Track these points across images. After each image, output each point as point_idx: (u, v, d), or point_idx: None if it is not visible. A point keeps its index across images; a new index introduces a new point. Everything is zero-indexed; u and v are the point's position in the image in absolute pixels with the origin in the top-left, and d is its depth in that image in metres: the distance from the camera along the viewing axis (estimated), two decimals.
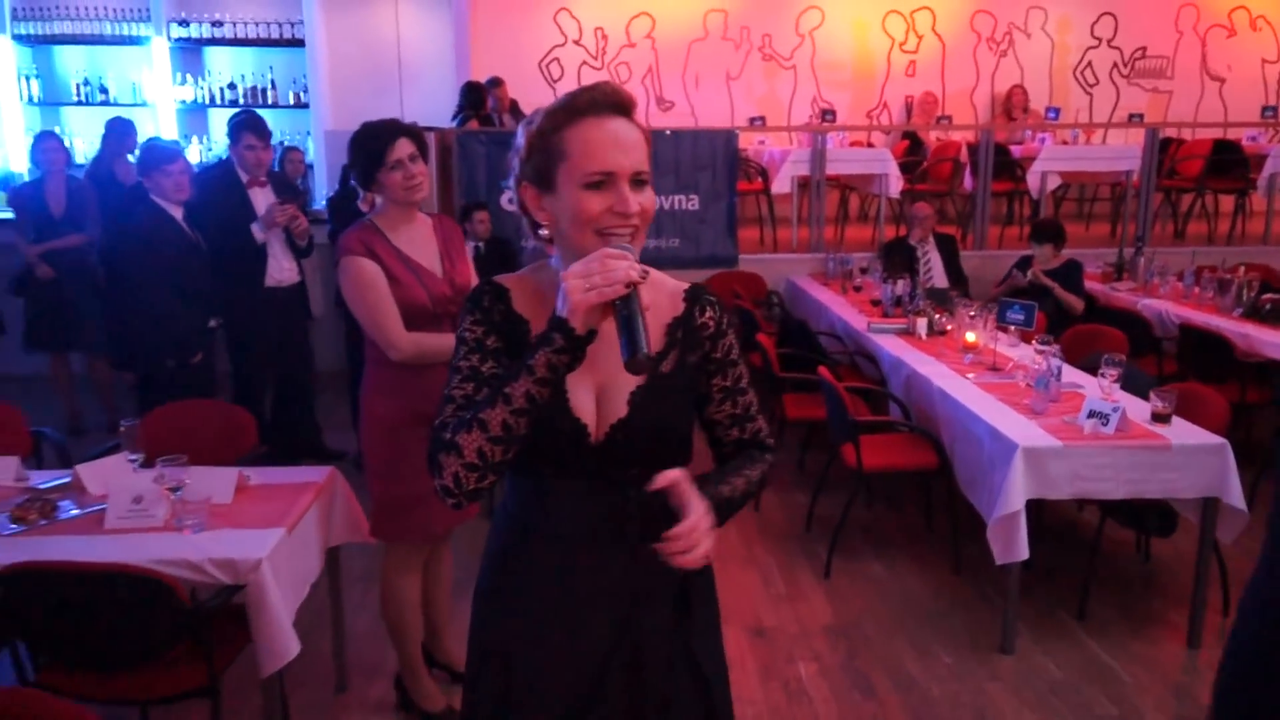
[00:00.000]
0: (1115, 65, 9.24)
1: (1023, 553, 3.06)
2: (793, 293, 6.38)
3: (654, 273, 1.42)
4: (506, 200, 6.39)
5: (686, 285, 1.48)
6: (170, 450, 2.59)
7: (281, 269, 4.41)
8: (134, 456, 2.72)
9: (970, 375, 3.88)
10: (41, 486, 2.73)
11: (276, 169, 4.97)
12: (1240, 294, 5.00)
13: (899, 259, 5.78)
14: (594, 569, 1.41)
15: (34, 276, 5.15)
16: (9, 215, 6.36)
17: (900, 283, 5.20)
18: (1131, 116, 8.34)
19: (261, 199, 4.36)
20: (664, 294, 1.44)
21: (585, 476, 1.39)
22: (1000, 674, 3.08)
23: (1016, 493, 3.03)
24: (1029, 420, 3.29)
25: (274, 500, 2.64)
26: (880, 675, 3.09)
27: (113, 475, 2.68)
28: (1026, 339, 4.11)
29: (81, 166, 6.61)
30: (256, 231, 4.31)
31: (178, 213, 4.21)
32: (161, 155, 4.24)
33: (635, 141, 1.34)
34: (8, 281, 5.20)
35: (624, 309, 1.22)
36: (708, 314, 1.45)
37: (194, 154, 7.81)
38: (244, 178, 4.34)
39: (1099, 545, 3.53)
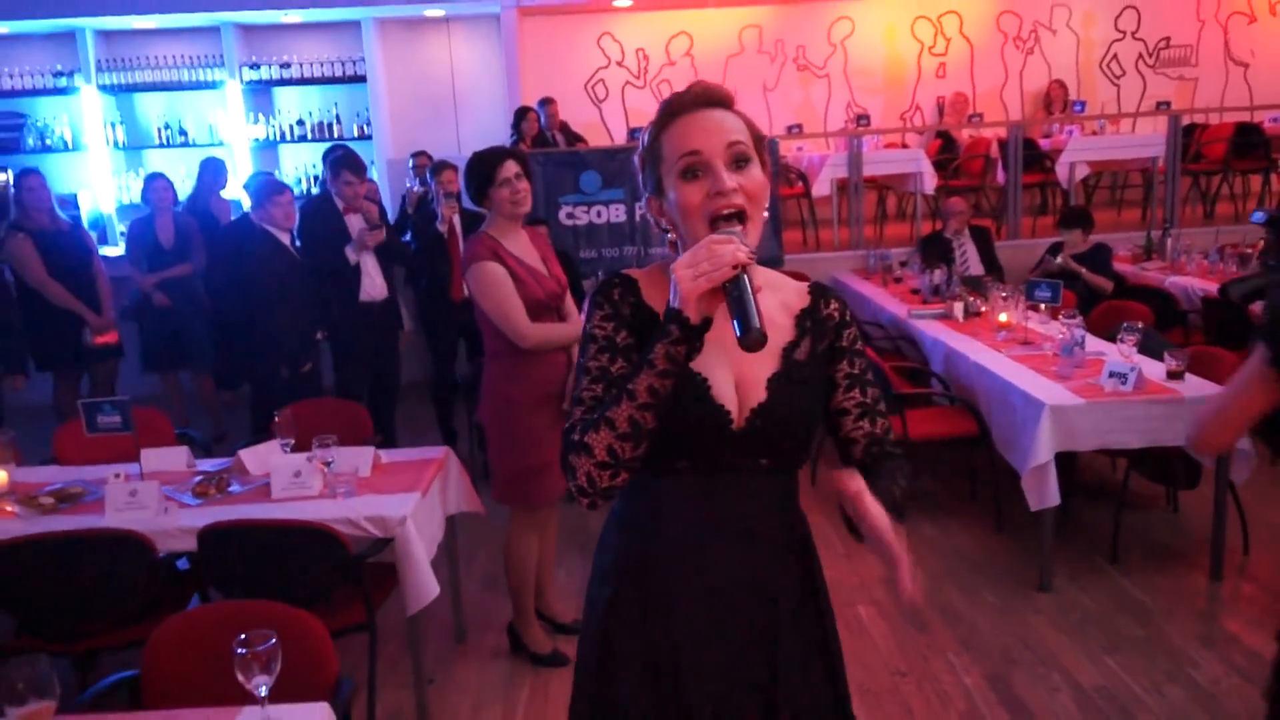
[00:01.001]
0: (1140, 56, 9.55)
1: (1054, 499, 3.46)
2: (837, 288, 6.79)
3: (776, 273, 1.49)
4: (565, 215, 6.91)
5: (810, 281, 1.51)
6: (306, 438, 3.11)
7: (375, 285, 4.94)
8: (285, 442, 3.24)
9: (1003, 350, 4.29)
10: (210, 469, 3.27)
11: (430, 188, 5.58)
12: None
13: (936, 251, 6.18)
14: (729, 565, 1.42)
15: (149, 304, 5.74)
16: (118, 251, 7.02)
17: (937, 272, 5.61)
18: (1159, 105, 8.67)
19: (355, 224, 4.90)
20: (789, 289, 1.48)
21: (719, 469, 1.40)
22: (1040, 608, 3.49)
23: (1045, 446, 3.45)
24: (1056, 384, 3.70)
25: (404, 474, 3.14)
26: (933, 614, 3.51)
27: (269, 457, 3.21)
28: (1055, 315, 4.51)
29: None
30: (350, 253, 4.85)
31: (285, 238, 4.77)
32: (272, 188, 4.80)
33: (728, 124, 1.36)
34: (123, 309, 5.79)
35: (734, 290, 1.23)
36: (833, 305, 1.48)
37: None
38: (340, 206, 4.89)
39: (1126, 496, 3.92)
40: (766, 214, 1.38)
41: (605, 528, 1.56)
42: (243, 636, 1.73)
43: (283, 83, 8.70)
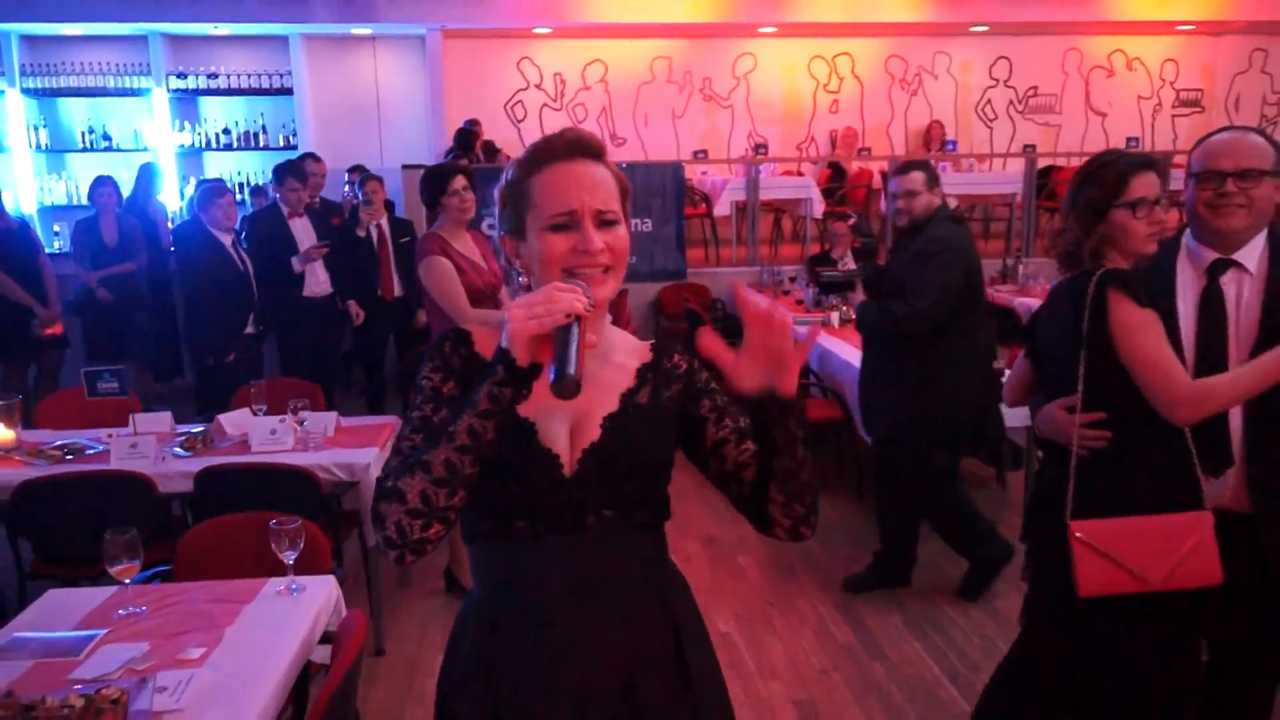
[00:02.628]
0: (1011, 102, 10.81)
1: None
2: (734, 300, 7.69)
3: (623, 333, 1.51)
4: (486, 226, 7.63)
5: (653, 340, 1.53)
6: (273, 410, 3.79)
7: (318, 283, 5.60)
8: (259, 407, 3.90)
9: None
10: (192, 430, 3.90)
11: (357, 198, 6.19)
12: None
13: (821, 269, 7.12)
14: (583, 635, 1.37)
15: (93, 298, 6.24)
16: (65, 249, 7.45)
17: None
18: (1025, 147, 9.88)
19: (300, 228, 5.55)
20: (632, 345, 1.49)
21: (561, 527, 1.36)
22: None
23: None
24: None
25: (363, 434, 3.84)
26: (799, 560, 4.36)
27: (243, 420, 3.86)
28: None
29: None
30: (295, 263, 5.49)
31: (226, 239, 5.37)
32: (214, 191, 5.41)
33: (601, 181, 1.37)
34: (68, 303, 6.28)
35: (561, 335, 1.24)
36: (677, 358, 1.49)
37: (190, 189, 8.91)
38: (285, 211, 5.53)
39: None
40: (668, 235, 1.96)
41: (461, 610, 1.52)
42: (275, 520, 2.44)
43: (209, 92, 9.19)
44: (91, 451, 3.63)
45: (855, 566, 4.25)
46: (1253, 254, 2.13)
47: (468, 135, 8.41)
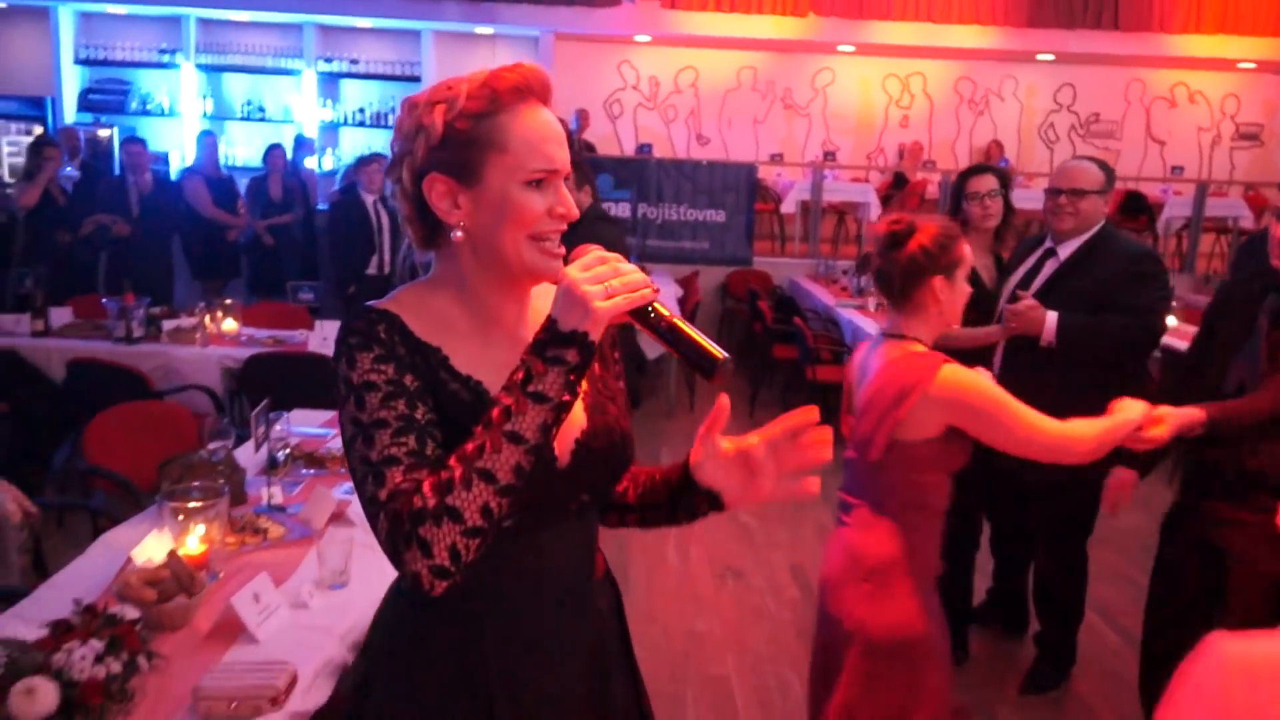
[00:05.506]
0: (1073, 126, 11.78)
1: None
2: (793, 287, 8.91)
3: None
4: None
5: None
6: None
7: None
8: None
9: None
10: None
11: None
12: None
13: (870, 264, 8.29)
14: (564, 622, 1.34)
15: (259, 242, 7.77)
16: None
17: (865, 277, 7.72)
18: None
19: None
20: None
21: (549, 520, 1.29)
22: None
23: None
24: None
25: None
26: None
27: None
28: None
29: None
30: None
31: (369, 199, 6.79)
32: (362, 160, 6.87)
33: (562, 135, 1.24)
34: (237, 244, 7.82)
35: (660, 321, 1.14)
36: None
37: (328, 161, 10.45)
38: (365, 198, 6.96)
39: None
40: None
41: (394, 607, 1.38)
42: None
43: (350, 76, 10.74)
44: (293, 341, 5.05)
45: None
46: (1070, 247, 3.22)
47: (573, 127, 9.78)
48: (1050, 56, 11.12)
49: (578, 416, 1.30)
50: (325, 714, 1.80)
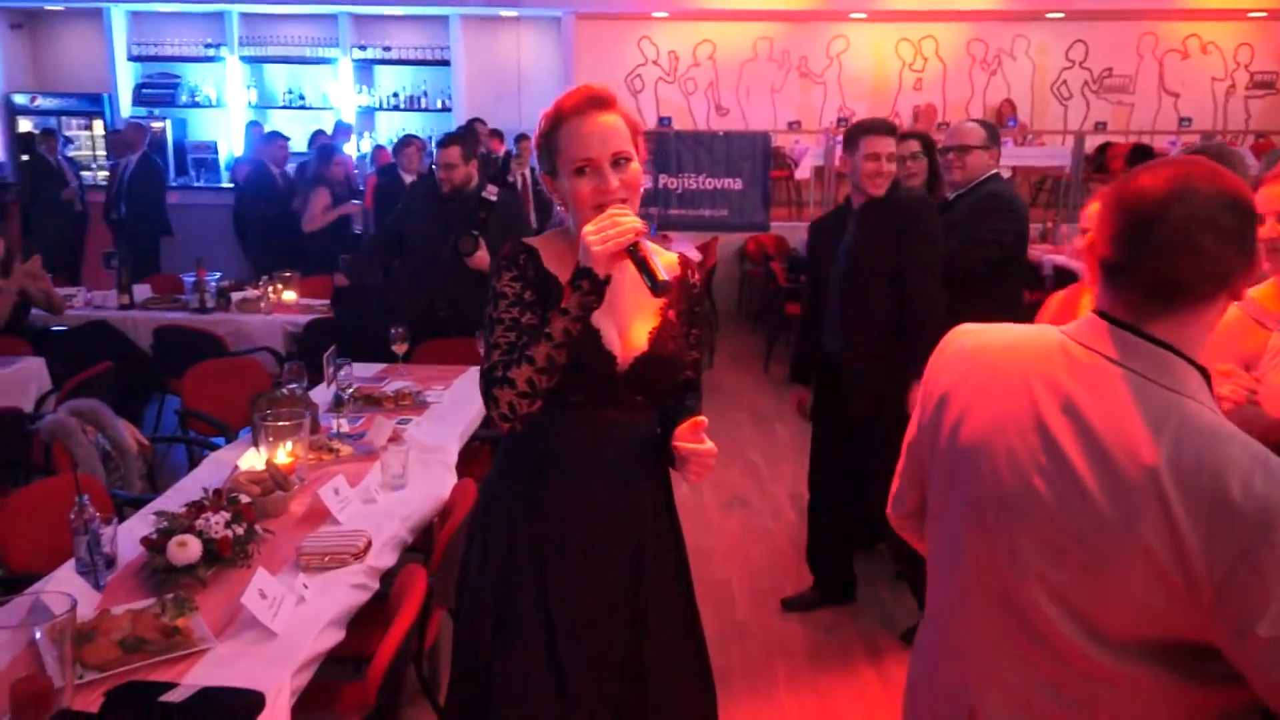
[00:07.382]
0: (1086, 83, 12.10)
1: None
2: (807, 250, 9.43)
3: (653, 243, 1.77)
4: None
5: (677, 254, 1.93)
6: None
7: None
8: None
9: None
10: None
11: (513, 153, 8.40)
12: None
13: None
14: (609, 492, 1.85)
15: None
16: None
17: None
18: (1097, 125, 11.22)
19: None
20: (666, 259, 1.81)
21: (606, 404, 1.80)
22: None
23: None
24: None
25: None
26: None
27: None
28: None
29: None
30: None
31: (408, 178, 7.43)
32: (404, 142, 7.51)
33: (613, 129, 1.73)
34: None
35: (636, 254, 1.64)
36: (696, 276, 1.95)
37: (365, 144, 11.09)
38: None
39: None
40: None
41: (502, 460, 1.94)
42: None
43: (383, 62, 11.38)
44: None
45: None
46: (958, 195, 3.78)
47: None
48: (1060, 14, 11.45)
49: (641, 341, 1.82)
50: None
